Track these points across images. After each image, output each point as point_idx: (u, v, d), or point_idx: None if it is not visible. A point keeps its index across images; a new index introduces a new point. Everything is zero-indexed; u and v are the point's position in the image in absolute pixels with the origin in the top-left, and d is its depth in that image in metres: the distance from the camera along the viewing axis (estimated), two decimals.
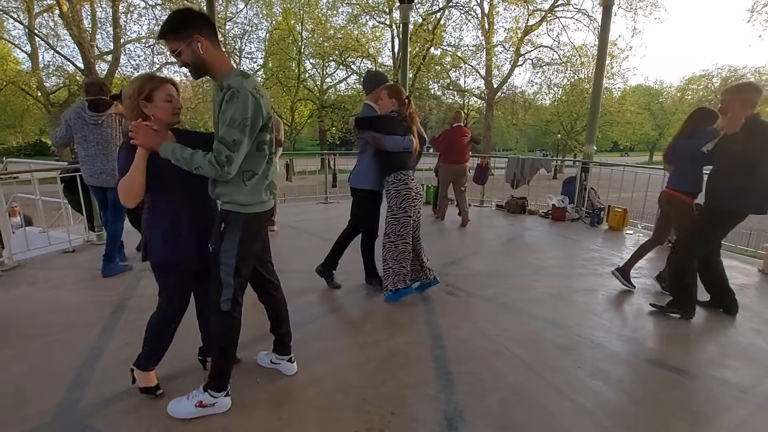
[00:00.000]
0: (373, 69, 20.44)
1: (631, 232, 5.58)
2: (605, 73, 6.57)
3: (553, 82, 23.15)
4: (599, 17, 8.09)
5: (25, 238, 4.06)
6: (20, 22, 16.83)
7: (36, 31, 16.90)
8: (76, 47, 16.46)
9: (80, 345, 2.40)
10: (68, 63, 17.66)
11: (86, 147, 3.37)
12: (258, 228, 1.84)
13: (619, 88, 23.10)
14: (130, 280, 3.43)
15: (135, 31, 24.43)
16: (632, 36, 24.31)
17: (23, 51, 18.84)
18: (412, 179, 3.03)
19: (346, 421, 1.82)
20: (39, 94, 18.63)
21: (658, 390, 2.12)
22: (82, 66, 16.69)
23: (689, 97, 35.37)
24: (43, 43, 17.48)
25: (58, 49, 17.41)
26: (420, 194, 3.07)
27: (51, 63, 18.73)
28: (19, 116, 20.61)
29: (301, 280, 3.50)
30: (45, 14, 17.12)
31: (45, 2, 16.64)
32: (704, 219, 2.89)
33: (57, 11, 16.07)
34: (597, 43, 7.08)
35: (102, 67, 17.86)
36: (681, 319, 2.89)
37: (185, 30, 1.56)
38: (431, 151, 7.50)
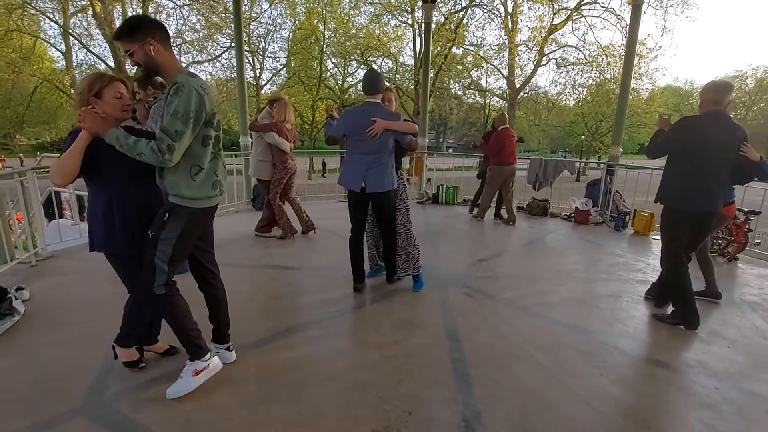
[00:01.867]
0: (371, 67, 20.39)
1: (658, 237, 5.41)
2: (633, 73, 6.39)
3: (577, 82, 22.60)
4: (627, 16, 7.89)
5: (58, 230, 4.23)
6: (56, 22, 17.50)
7: (70, 31, 17.54)
8: (108, 46, 17.03)
9: (109, 334, 2.47)
10: (100, 62, 18.26)
11: None
12: (201, 222, 1.94)
13: (646, 88, 22.42)
14: None
15: None
16: (662, 35, 23.44)
17: (58, 50, 19.58)
18: None
19: (364, 419, 1.83)
20: (72, 91, 19.35)
21: (685, 402, 2.05)
22: (112, 64, 17.23)
23: None
24: (76, 42, 18.12)
25: (90, 48, 18.03)
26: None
27: (84, 61, 19.39)
28: (53, 113, 21.42)
29: (320, 277, 3.55)
30: (79, 14, 17.75)
31: (79, 3, 17.25)
32: (661, 222, 3.04)
33: (90, 11, 16.65)
34: (625, 42, 6.90)
35: (131, 66, 18.39)
36: (711, 327, 2.79)
37: (139, 33, 1.71)
38: (450, 151, 7.44)
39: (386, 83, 3.30)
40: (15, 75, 16.51)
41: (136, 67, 1.81)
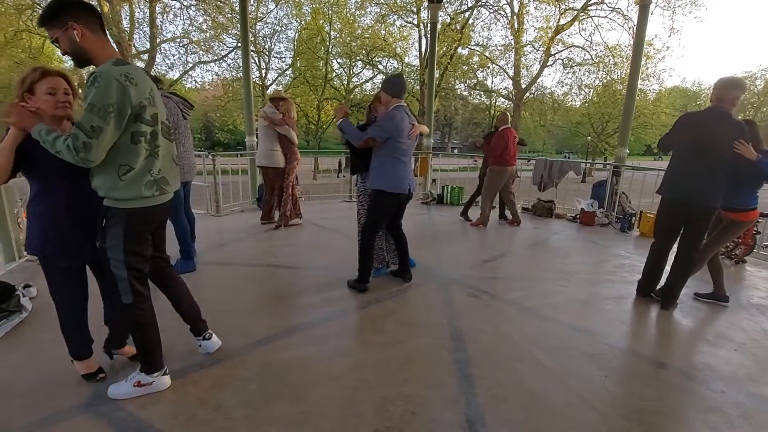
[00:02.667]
0: (400, 72, 20.55)
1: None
2: (640, 74, 6.35)
3: (584, 83, 22.46)
4: (635, 16, 7.84)
5: None
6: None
7: None
8: (115, 46, 17.14)
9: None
10: None
11: None
12: (144, 221, 1.78)
13: (654, 89, 22.26)
14: None
15: (170, 31, 25.25)
16: (669, 36, 23.37)
17: None
18: None
19: (367, 419, 1.83)
20: (80, 91, 19.53)
21: (690, 405, 2.03)
22: None
23: None
24: None
25: None
26: None
27: None
28: None
29: (323, 276, 3.55)
30: None
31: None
32: None
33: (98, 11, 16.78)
34: (632, 43, 6.85)
35: (139, 66, 18.53)
36: (718, 329, 2.77)
37: (60, 17, 1.57)
38: (455, 151, 7.43)
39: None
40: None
41: (65, 56, 1.65)
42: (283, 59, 23.42)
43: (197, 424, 1.76)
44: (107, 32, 1.73)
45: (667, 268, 3.21)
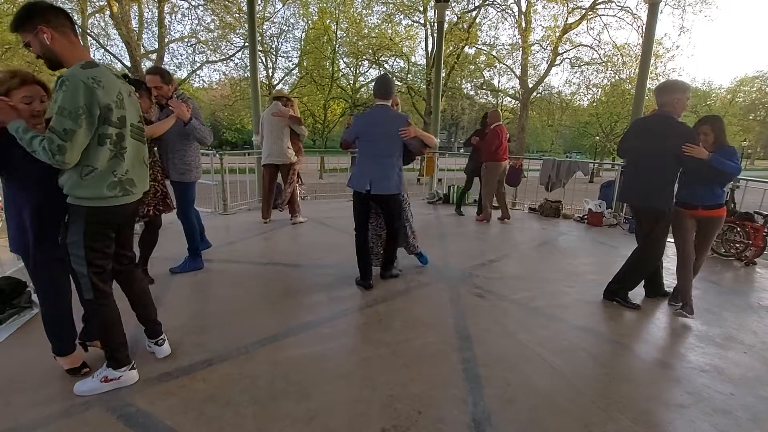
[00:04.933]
0: (385, 73, 20.57)
1: (671, 240, 5.32)
2: (649, 73, 6.29)
3: (592, 82, 22.23)
4: (644, 15, 7.77)
5: None
6: (74, 23, 17.84)
7: (88, 31, 17.86)
8: (124, 46, 17.30)
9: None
10: (117, 61, 18.57)
11: None
12: (106, 220, 1.81)
13: None
14: (169, 274, 3.57)
15: (178, 31, 25.35)
16: (679, 35, 22.90)
17: None
18: None
19: (373, 417, 1.84)
20: None
21: (699, 407, 2.02)
22: (129, 64, 17.51)
23: (741, 99, 33.36)
24: (94, 42, 18.44)
25: (108, 47, 18.34)
26: None
27: (101, 61, 19.61)
28: None
29: (331, 275, 3.57)
30: (97, 15, 18.07)
31: (97, 3, 17.57)
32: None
33: (108, 12, 16.94)
34: (641, 42, 6.79)
35: (147, 65, 18.69)
36: (727, 332, 2.75)
37: (29, 21, 1.60)
38: (462, 151, 7.42)
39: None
40: (35, 74, 16.86)
41: (39, 59, 1.70)
42: (290, 59, 23.49)
43: (206, 420, 1.78)
44: (78, 35, 1.76)
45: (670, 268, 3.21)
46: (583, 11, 18.65)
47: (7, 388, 1.96)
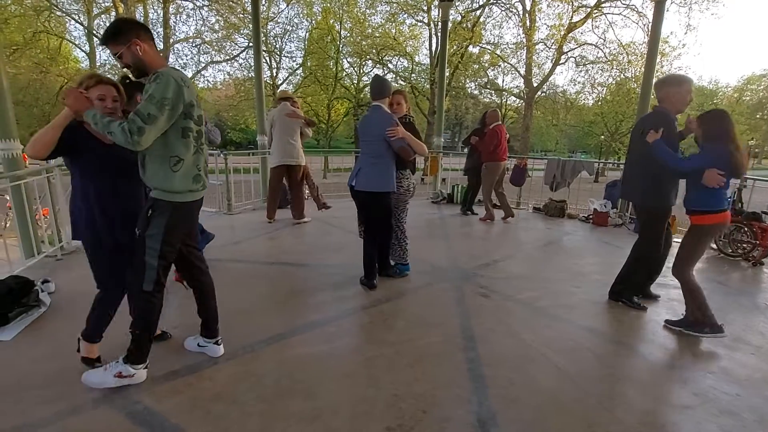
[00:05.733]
0: (381, 74, 20.57)
1: (679, 240, 5.29)
2: (655, 72, 6.25)
3: (597, 81, 22.11)
4: (650, 13, 7.71)
5: None
6: (80, 24, 17.97)
7: (94, 32, 17.98)
8: None
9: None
10: None
11: None
12: (185, 215, 1.94)
13: None
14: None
15: (183, 32, 25.48)
16: (685, 33, 22.77)
17: (82, 50, 20.12)
18: None
19: (378, 416, 1.84)
20: None
21: (705, 409, 2.00)
22: None
23: (747, 98, 33.05)
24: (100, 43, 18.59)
25: None
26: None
27: (107, 61, 19.84)
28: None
29: (337, 275, 3.58)
30: (102, 16, 18.19)
31: (103, 5, 17.69)
32: None
33: (113, 13, 17.04)
34: (646, 40, 6.74)
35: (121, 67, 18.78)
36: (735, 333, 2.73)
37: (124, 35, 1.75)
38: (466, 150, 7.38)
39: (395, 85, 3.37)
40: (43, 75, 17.05)
41: (125, 68, 1.84)
42: (294, 59, 23.54)
43: (213, 419, 1.80)
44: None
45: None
46: (588, 9, 18.55)
47: (17, 386, 1.99)
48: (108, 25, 1.79)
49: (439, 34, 16.93)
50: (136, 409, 1.84)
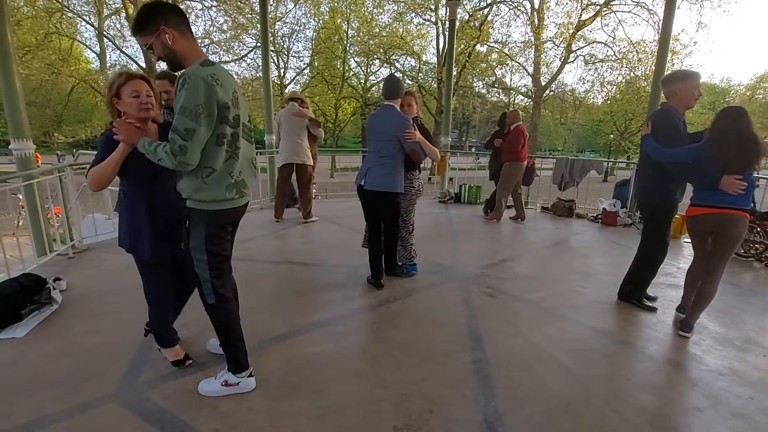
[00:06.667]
0: (392, 73, 20.69)
1: (689, 240, 5.21)
2: (666, 70, 6.16)
3: (606, 80, 21.88)
4: (660, 11, 7.61)
5: (94, 224, 4.41)
6: (91, 25, 18.20)
7: (105, 33, 18.20)
8: (139, 47, 17.59)
9: (140, 324, 2.57)
10: (132, 62, 18.90)
11: None
12: (224, 223, 1.82)
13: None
14: None
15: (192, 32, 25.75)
16: (697, 30, 22.51)
17: (93, 51, 20.43)
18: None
19: (385, 415, 1.84)
20: (107, 91, 20.08)
21: (716, 411, 1.98)
22: (143, 65, 17.80)
23: (761, 96, 32.44)
24: (110, 43, 18.80)
25: (123, 49, 18.66)
26: None
27: (117, 62, 20.14)
28: (89, 112, 22.28)
29: (343, 274, 3.58)
30: (112, 17, 18.41)
31: (113, 5, 17.89)
32: None
33: (123, 14, 17.23)
34: (657, 38, 6.66)
35: (162, 66, 18.95)
36: (747, 334, 2.69)
37: (151, 23, 1.58)
38: (473, 150, 7.34)
39: (406, 86, 3.37)
40: (54, 76, 17.27)
41: (159, 61, 1.72)
42: (302, 58, 23.64)
43: (221, 416, 1.81)
44: (193, 33, 1.73)
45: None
46: (598, 7, 18.38)
47: (29, 382, 2.02)
48: (136, 13, 1.62)
49: (447, 33, 16.88)
50: (145, 406, 1.86)
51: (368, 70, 24.82)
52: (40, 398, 1.90)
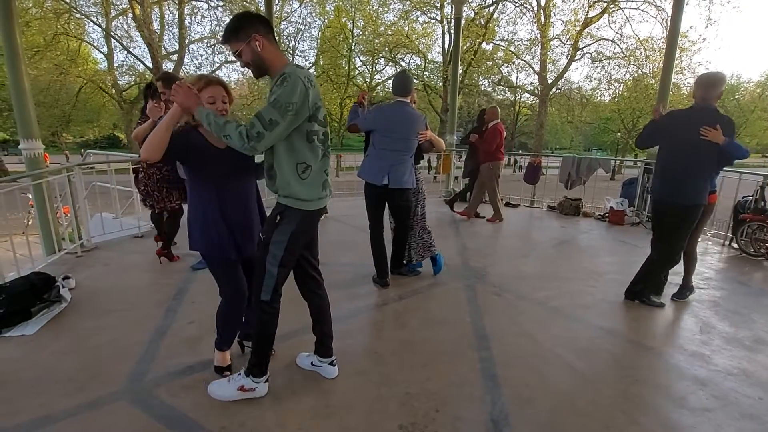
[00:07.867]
0: (404, 69, 20.74)
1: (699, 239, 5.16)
2: (674, 67, 6.10)
3: (613, 77, 21.66)
4: (668, 7, 7.53)
5: (101, 224, 4.45)
6: (99, 25, 18.33)
7: (112, 34, 18.34)
8: (146, 48, 17.71)
9: (148, 322, 2.61)
10: (139, 63, 19.05)
11: None
12: (312, 224, 1.85)
13: (688, 83, 21.28)
14: (191, 270, 3.65)
15: (198, 32, 25.91)
16: (706, 27, 22.19)
17: (101, 52, 20.53)
18: None
19: (391, 414, 1.84)
20: (113, 91, 20.26)
21: (725, 412, 1.96)
22: (151, 65, 17.93)
23: None
24: (117, 44, 18.94)
25: (130, 49, 18.80)
26: None
27: (124, 63, 20.26)
28: (97, 112, 22.51)
29: (348, 273, 3.58)
30: (120, 17, 18.54)
31: (120, 6, 18.02)
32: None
33: (130, 14, 17.36)
34: (665, 35, 6.59)
35: (168, 66, 19.06)
36: (757, 334, 2.65)
37: (244, 31, 1.63)
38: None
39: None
40: (62, 76, 17.44)
41: (246, 68, 1.72)
42: (307, 57, 23.65)
43: (228, 414, 1.82)
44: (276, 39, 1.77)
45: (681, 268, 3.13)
46: (605, 4, 18.20)
47: (38, 379, 2.04)
48: (228, 21, 1.67)
49: (452, 32, 16.80)
50: (153, 403, 1.88)
51: (373, 69, 24.82)
52: (50, 395, 1.92)
